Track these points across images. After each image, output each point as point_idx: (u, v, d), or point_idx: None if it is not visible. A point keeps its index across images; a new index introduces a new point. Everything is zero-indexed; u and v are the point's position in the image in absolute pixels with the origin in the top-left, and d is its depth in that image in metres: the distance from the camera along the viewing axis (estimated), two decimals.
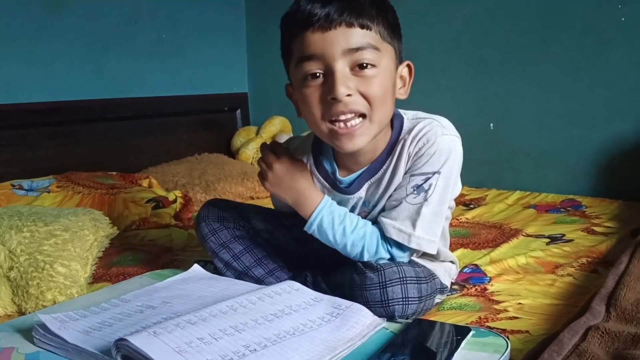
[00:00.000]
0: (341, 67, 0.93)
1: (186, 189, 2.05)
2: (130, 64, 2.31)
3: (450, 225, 1.68)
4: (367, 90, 0.95)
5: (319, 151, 1.12)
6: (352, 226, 1.04)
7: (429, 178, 1.01)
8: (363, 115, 0.97)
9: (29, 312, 1.11)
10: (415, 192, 1.02)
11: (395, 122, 1.06)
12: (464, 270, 1.32)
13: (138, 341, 0.76)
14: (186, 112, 2.51)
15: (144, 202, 1.81)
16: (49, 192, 1.76)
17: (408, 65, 1.06)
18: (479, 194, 2.10)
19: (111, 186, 1.88)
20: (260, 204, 1.33)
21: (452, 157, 1.02)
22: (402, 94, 1.05)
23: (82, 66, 2.15)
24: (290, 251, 1.23)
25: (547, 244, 1.50)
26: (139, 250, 1.52)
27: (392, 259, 1.04)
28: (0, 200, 1.64)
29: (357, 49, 0.93)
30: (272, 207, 1.29)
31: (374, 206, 1.10)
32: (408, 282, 0.98)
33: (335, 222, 1.04)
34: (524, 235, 1.58)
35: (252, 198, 2.09)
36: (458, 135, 1.06)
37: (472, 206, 1.94)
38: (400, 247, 1.04)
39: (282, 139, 2.45)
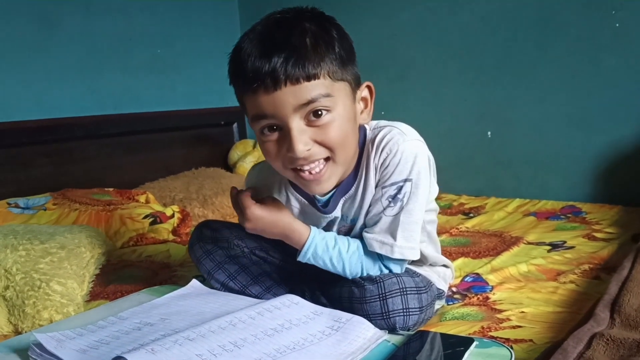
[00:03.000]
0: (295, 124, 0.91)
1: (183, 203, 2.04)
2: (125, 80, 2.31)
3: (450, 234, 1.70)
4: (325, 140, 0.93)
5: None
6: (345, 247, 1.04)
7: (401, 187, 1.01)
8: (328, 159, 0.96)
9: (26, 332, 1.09)
10: (391, 203, 1.02)
11: (360, 135, 1.05)
12: (466, 279, 1.30)
13: (136, 359, 0.75)
14: (182, 127, 2.50)
15: (141, 217, 1.80)
16: (45, 209, 1.74)
17: (368, 87, 1.02)
18: (478, 202, 2.09)
19: (108, 202, 1.86)
20: None
21: (418, 161, 1.01)
22: (365, 118, 1.03)
23: (77, 83, 2.15)
24: (285, 267, 1.22)
25: (548, 251, 1.49)
26: (136, 266, 1.50)
27: (388, 270, 1.04)
28: None
29: (308, 103, 0.90)
30: None
31: (353, 221, 1.09)
32: (408, 292, 0.98)
33: (329, 245, 1.03)
34: (524, 243, 1.57)
35: None
36: (420, 138, 1.05)
37: (471, 215, 1.93)
38: (389, 259, 1.04)
39: None
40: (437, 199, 1.19)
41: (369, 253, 1.05)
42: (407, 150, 1.00)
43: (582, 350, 0.81)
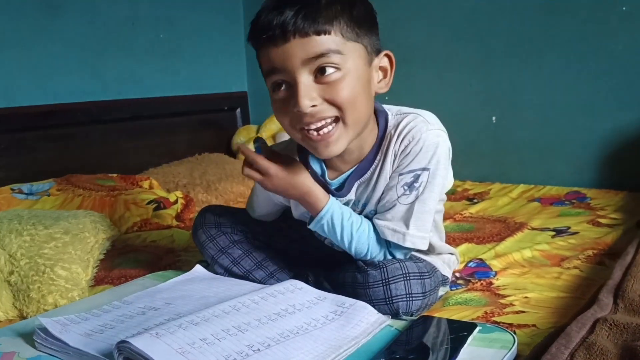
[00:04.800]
0: (303, 78, 0.91)
1: (187, 189, 2.04)
2: (129, 65, 2.30)
3: (454, 219, 1.69)
4: (333, 97, 0.92)
5: (306, 151, 1.07)
6: (357, 224, 1.03)
7: (418, 176, 1.00)
8: (337, 119, 0.95)
9: (30, 316, 1.10)
10: (406, 191, 1.00)
11: (380, 119, 1.04)
12: (469, 265, 1.30)
13: (140, 343, 0.75)
14: (186, 112, 2.49)
15: (145, 203, 1.80)
16: (49, 195, 1.74)
17: (387, 55, 1.00)
18: (483, 188, 2.09)
19: (112, 188, 1.86)
20: None
21: (439, 151, 1.00)
22: (383, 87, 1.01)
23: (80, 68, 2.14)
24: (289, 252, 1.22)
25: (553, 236, 1.49)
26: (140, 251, 1.51)
27: (392, 256, 1.04)
28: (0, 205, 1.62)
29: (317, 57, 0.90)
30: None
31: (364, 205, 1.08)
32: (411, 277, 0.97)
33: (345, 217, 1.02)
34: (528, 229, 1.57)
35: None
36: (444, 129, 1.04)
37: (475, 201, 1.93)
38: (398, 247, 1.04)
39: (282, 137, 2.44)
40: None
41: (378, 238, 1.04)
42: (429, 139, 0.99)
43: (585, 334, 0.81)
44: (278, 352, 0.80)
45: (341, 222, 1.02)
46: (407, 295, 0.96)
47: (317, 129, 0.94)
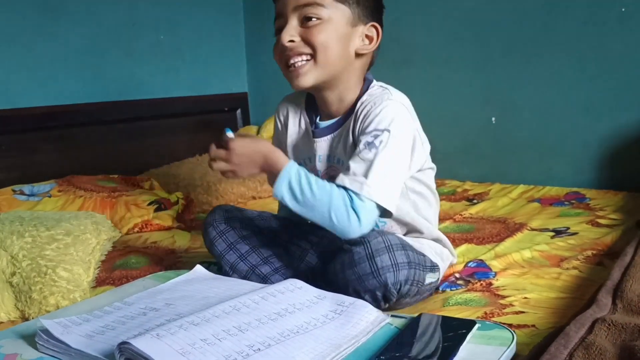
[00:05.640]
0: (292, 21, 1.11)
1: (187, 190, 2.04)
2: (129, 67, 2.30)
3: (454, 220, 1.70)
4: (309, 37, 1.10)
5: (308, 101, 1.25)
6: (314, 179, 1.05)
7: (378, 135, 1.07)
8: (311, 58, 1.11)
9: (32, 318, 1.10)
10: (367, 148, 1.07)
11: (365, 86, 1.17)
12: (469, 265, 1.31)
13: (141, 344, 0.76)
14: (186, 113, 2.50)
15: (146, 204, 1.81)
16: (50, 196, 1.75)
17: (374, 26, 1.16)
18: (483, 188, 2.09)
19: (113, 189, 1.87)
20: (262, 204, 1.35)
21: (399, 119, 1.09)
22: (364, 49, 1.15)
23: (81, 70, 2.14)
24: (291, 249, 1.26)
25: (552, 237, 1.50)
26: (142, 252, 1.51)
27: (355, 213, 1.03)
28: (2, 206, 1.63)
29: (305, 5, 1.09)
30: (274, 210, 1.36)
31: (339, 160, 1.17)
32: (395, 249, 1.01)
33: (302, 178, 1.05)
34: (528, 229, 1.57)
35: (254, 198, 2.08)
36: (407, 105, 1.14)
37: (475, 201, 1.93)
38: (360, 202, 1.03)
39: None
40: (441, 185, 1.21)
41: (339, 194, 1.04)
42: (389, 106, 1.10)
43: (584, 334, 0.82)
44: (278, 352, 0.80)
45: (299, 179, 1.04)
46: (394, 266, 1.00)
47: (294, 63, 1.11)
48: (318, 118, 1.22)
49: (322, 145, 1.19)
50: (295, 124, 1.25)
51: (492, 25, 2.15)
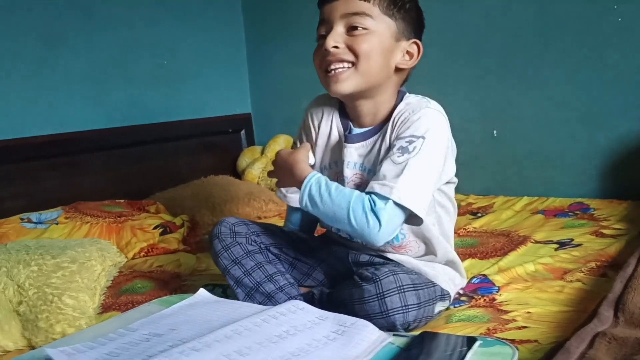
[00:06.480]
0: (337, 27, 1.12)
1: (193, 212, 2.06)
2: (132, 92, 2.33)
3: (458, 235, 1.70)
4: (354, 45, 1.11)
5: (343, 107, 1.25)
6: (338, 189, 1.08)
7: (412, 141, 1.07)
8: (352, 66, 1.12)
9: (39, 346, 1.11)
10: (399, 152, 1.07)
11: (399, 97, 1.18)
12: (472, 281, 1.31)
13: None
14: (190, 135, 2.52)
15: (152, 228, 1.82)
16: (57, 223, 1.77)
17: (416, 43, 1.18)
18: (486, 201, 2.09)
19: (119, 214, 1.89)
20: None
21: (437, 127, 1.09)
22: (403, 63, 1.17)
23: (84, 97, 2.17)
24: (297, 266, 1.27)
25: (556, 249, 1.49)
26: (147, 277, 1.52)
27: (376, 216, 1.03)
28: (10, 235, 1.65)
29: (353, 14, 1.11)
30: (281, 225, 1.36)
31: (369, 171, 1.17)
32: (406, 290, 1.00)
33: (322, 186, 1.08)
34: (532, 242, 1.57)
35: (259, 218, 2.09)
36: (444, 115, 1.14)
37: (479, 215, 1.93)
38: (382, 205, 1.03)
39: None
40: None
41: (359, 198, 1.05)
42: (428, 114, 1.10)
43: (584, 349, 0.81)
44: None
45: (323, 185, 1.08)
46: (403, 308, 1.00)
47: (334, 69, 1.12)
48: (351, 125, 1.22)
49: (351, 152, 1.18)
50: (327, 126, 1.25)
51: (489, 39, 2.16)
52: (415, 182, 1.04)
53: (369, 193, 1.05)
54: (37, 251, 1.29)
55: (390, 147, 1.11)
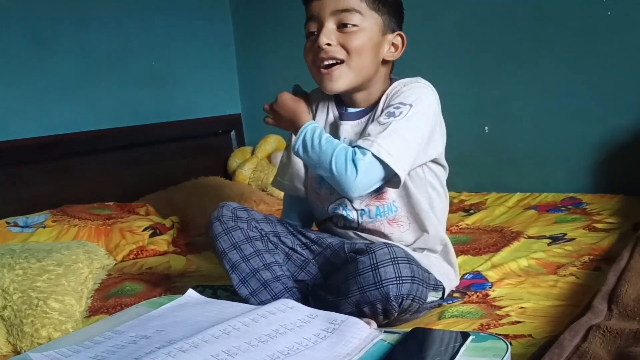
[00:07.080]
0: (328, 24, 1.14)
1: (185, 213, 2.04)
2: (122, 94, 2.31)
3: (450, 232, 1.69)
4: (346, 42, 1.14)
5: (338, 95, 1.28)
6: (328, 139, 1.12)
7: (399, 107, 1.12)
8: (344, 62, 1.15)
9: (25, 351, 1.09)
10: (386, 115, 1.12)
11: (391, 83, 1.22)
12: (466, 277, 1.30)
13: None
14: (180, 137, 2.50)
15: (141, 230, 1.80)
16: (44, 227, 1.74)
17: (400, 35, 1.21)
18: (479, 198, 2.08)
19: (107, 217, 1.87)
20: None
21: (425, 98, 1.14)
22: (390, 55, 1.21)
23: (74, 99, 2.15)
24: (294, 257, 1.26)
25: (549, 244, 1.49)
26: (136, 279, 1.50)
27: (355, 166, 1.06)
28: None
29: (343, 11, 1.13)
30: (279, 217, 1.36)
31: None
32: (400, 262, 1.00)
33: (316, 133, 1.13)
34: (525, 237, 1.56)
35: None
36: (435, 91, 1.18)
37: (472, 211, 1.92)
38: (362, 155, 1.07)
39: (277, 157, 2.44)
40: None
41: (344, 148, 1.09)
42: (418, 86, 1.16)
43: (578, 343, 0.80)
44: None
45: (317, 133, 1.13)
46: (397, 279, 0.99)
47: (327, 66, 1.15)
48: (347, 108, 1.26)
49: (347, 128, 1.22)
50: (323, 112, 1.28)
51: (482, 36, 2.15)
52: (396, 141, 1.08)
53: (354, 146, 1.10)
54: (22, 254, 1.27)
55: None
